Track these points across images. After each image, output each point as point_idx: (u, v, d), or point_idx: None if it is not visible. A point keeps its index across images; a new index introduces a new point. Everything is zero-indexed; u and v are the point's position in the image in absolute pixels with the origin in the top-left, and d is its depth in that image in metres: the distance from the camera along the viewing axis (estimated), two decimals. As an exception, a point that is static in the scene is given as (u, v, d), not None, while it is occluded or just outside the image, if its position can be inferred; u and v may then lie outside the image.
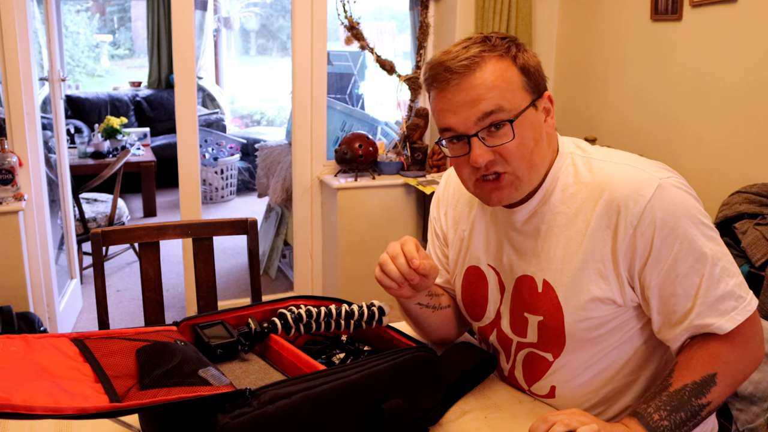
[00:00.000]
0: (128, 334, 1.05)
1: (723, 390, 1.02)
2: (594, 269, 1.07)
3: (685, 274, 1.02)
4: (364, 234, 3.33)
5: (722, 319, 1.02)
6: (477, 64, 1.04)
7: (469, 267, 1.26)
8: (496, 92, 1.04)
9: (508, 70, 1.05)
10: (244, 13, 7.55)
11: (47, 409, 0.77)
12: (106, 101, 6.43)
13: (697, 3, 2.54)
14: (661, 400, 0.99)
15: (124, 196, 4.83)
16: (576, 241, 1.08)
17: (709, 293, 1.02)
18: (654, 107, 2.82)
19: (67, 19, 7.36)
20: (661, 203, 1.02)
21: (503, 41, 1.07)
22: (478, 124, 1.04)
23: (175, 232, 1.71)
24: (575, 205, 1.09)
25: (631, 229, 1.03)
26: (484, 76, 1.04)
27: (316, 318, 1.17)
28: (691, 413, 0.99)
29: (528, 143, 1.06)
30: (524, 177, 1.08)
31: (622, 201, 1.04)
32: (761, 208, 2.07)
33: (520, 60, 1.07)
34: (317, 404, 0.90)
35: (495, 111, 1.03)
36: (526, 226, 1.15)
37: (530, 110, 1.06)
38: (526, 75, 1.07)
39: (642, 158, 1.11)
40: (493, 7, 3.18)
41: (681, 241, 1.02)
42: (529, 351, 1.17)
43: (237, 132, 6.94)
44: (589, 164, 1.11)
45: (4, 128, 2.81)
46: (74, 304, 3.44)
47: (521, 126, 1.05)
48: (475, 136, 1.05)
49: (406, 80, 3.45)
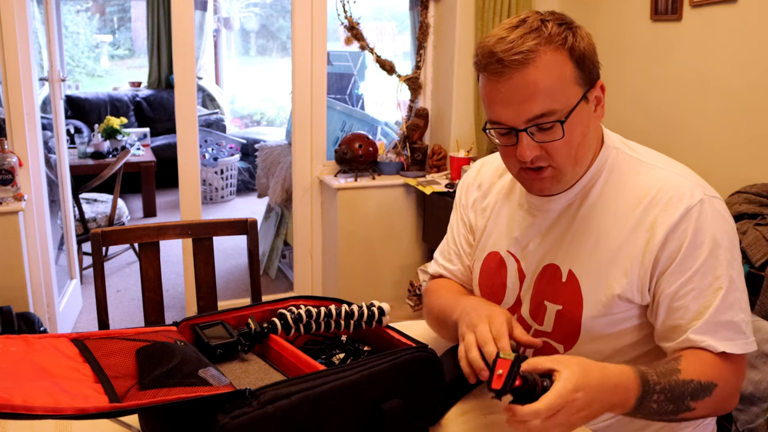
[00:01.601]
0: (128, 334, 1.05)
1: (711, 405, 1.00)
2: (621, 268, 1.07)
3: (701, 290, 1.02)
4: (364, 234, 3.32)
5: (717, 342, 1.02)
6: (531, 60, 0.99)
7: (490, 253, 1.26)
8: (549, 93, 1.00)
9: (564, 66, 1.01)
10: (244, 13, 7.55)
11: (47, 410, 0.77)
12: (106, 101, 6.43)
13: (697, 3, 2.53)
14: (668, 385, 0.96)
15: (124, 197, 4.82)
16: (610, 237, 1.08)
17: (716, 316, 1.02)
18: (654, 107, 2.82)
19: (67, 19, 7.36)
20: (699, 216, 1.03)
21: (560, 28, 1.02)
22: (527, 123, 1.03)
23: (175, 232, 1.71)
24: (616, 202, 1.09)
25: (665, 233, 1.03)
26: (538, 73, 0.99)
27: (316, 318, 1.17)
28: (675, 410, 0.98)
29: (575, 139, 1.05)
30: (568, 172, 1.08)
31: (664, 206, 1.04)
32: (761, 209, 2.07)
33: (577, 50, 1.02)
34: (317, 404, 0.90)
35: (546, 114, 1.01)
36: (560, 215, 1.15)
37: (581, 104, 1.04)
38: (581, 67, 1.03)
39: (693, 172, 1.11)
40: (493, 7, 3.18)
41: (706, 258, 1.02)
42: (542, 341, 1.16)
43: (237, 132, 6.93)
44: (637, 165, 1.11)
45: (4, 128, 2.81)
46: (74, 305, 3.44)
47: (571, 123, 1.03)
48: (524, 131, 1.03)
49: (406, 80, 3.45)
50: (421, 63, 3.47)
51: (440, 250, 1.41)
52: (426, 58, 3.47)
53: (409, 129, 3.47)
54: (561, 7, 3.38)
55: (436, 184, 3.17)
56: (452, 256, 1.37)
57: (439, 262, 1.39)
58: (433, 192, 3.12)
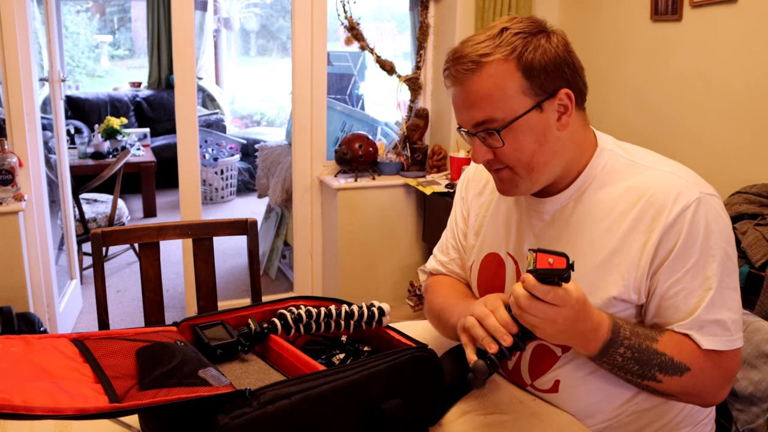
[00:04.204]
0: (128, 334, 1.05)
1: (679, 387, 1.04)
2: (618, 270, 1.07)
3: (690, 290, 1.04)
4: (364, 234, 3.32)
5: (702, 338, 1.04)
6: (479, 68, 1.04)
7: (489, 254, 1.26)
8: (488, 102, 1.04)
9: (508, 76, 1.03)
10: (244, 13, 7.55)
11: (47, 410, 0.77)
12: (106, 102, 6.43)
13: (697, 3, 2.53)
14: (638, 345, 1.02)
15: (124, 197, 4.83)
16: (605, 239, 1.09)
17: (702, 315, 1.04)
18: (654, 107, 2.82)
19: (67, 19, 7.36)
20: (694, 215, 1.03)
21: (515, 37, 1.04)
22: (475, 128, 1.08)
23: (175, 233, 1.71)
24: (611, 204, 1.10)
25: (660, 233, 1.04)
26: (481, 83, 1.04)
27: (315, 318, 1.17)
28: (640, 374, 1.03)
29: (527, 147, 1.06)
30: (524, 176, 1.09)
31: (660, 207, 1.05)
32: (761, 209, 2.07)
33: (525, 61, 1.03)
34: (317, 404, 0.90)
35: (486, 121, 1.06)
36: (554, 218, 1.15)
37: (532, 114, 1.05)
38: (529, 77, 1.04)
39: (689, 170, 1.12)
40: (493, 7, 3.18)
41: (698, 258, 1.03)
42: (538, 343, 1.17)
43: (237, 132, 6.93)
44: (632, 167, 1.11)
45: (4, 128, 2.81)
46: (74, 305, 3.44)
47: (516, 131, 1.05)
48: (475, 135, 1.08)
49: (406, 81, 3.45)
50: (421, 63, 3.47)
51: (439, 245, 1.42)
52: (426, 58, 3.48)
53: (409, 129, 3.47)
54: (561, 8, 3.38)
55: (436, 185, 3.17)
56: (450, 250, 1.37)
57: (438, 258, 1.40)
58: (433, 192, 3.12)
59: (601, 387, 1.13)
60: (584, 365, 1.12)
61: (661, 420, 1.14)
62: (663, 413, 1.14)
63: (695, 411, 1.18)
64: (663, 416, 1.14)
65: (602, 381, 1.12)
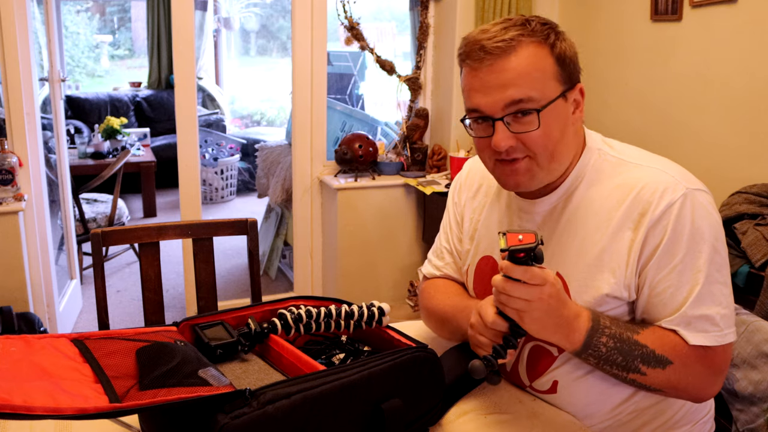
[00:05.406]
0: (128, 334, 1.05)
1: (664, 380, 1.04)
2: (609, 267, 1.07)
3: (677, 287, 1.04)
4: (364, 234, 3.32)
5: (690, 334, 1.04)
6: (513, 48, 1.03)
7: (483, 257, 1.26)
8: (528, 80, 1.03)
9: (544, 59, 1.05)
10: (244, 13, 7.55)
11: (47, 410, 0.77)
12: (106, 101, 6.43)
13: (697, 3, 2.54)
14: (619, 335, 1.03)
15: (124, 197, 4.83)
16: (595, 237, 1.09)
17: (689, 311, 1.03)
18: (654, 107, 2.82)
19: (67, 19, 7.36)
20: (679, 212, 1.03)
21: (543, 27, 1.06)
22: (505, 110, 1.04)
23: (175, 233, 1.71)
24: (600, 203, 1.10)
25: (647, 228, 1.04)
26: (519, 61, 1.03)
27: (315, 318, 1.17)
28: (625, 366, 1.04)
29: (553, 134, 1.06)
30: (544, 166, 1.08)
31: (646, 204, 1.05)
32: (761, 209, 2.07)
33: (558, 48, 1.06)
34: (317, 404, 0.90)
35: (524, 100, 1.03)
36: (544, 219, 1.16)
37: (560, 101, 1.06)
38: (561, 65, 1.06)
39: (678, 166, 1.11)
40: (493, 7, 3.18)
41: (685, 254, 1.03)
42: (534, 344, 1.17)
43: (237, 132, 6.93)
44: (620, 165, 1.11)
45: (4, 128, 2.81)
46: (74, 305, 3.44)
47: (548, 116, 1.04)
48: (500, 120, 1.05)
49: (406, 81, 3.45)
50: (421, 63, 3.47)
51: (433, 249, 1.42)
52: (426, 58, 3.48)
53: (409, 129, 3.47)
54: (561, 8, 3.38)
55: (436, 185, 3.17)
56: (444, 254, 1.37)
57: (433, 262, 1.40)
58: (433, 192, 3.12)
59: (599, 386, 1.13)
60: (581, 365, 1.12)
61: (659, 418, 1.14)
62: (661, 411, 1.14)
63: (694, 409, 1.18)
64: (661, 414, 1.14)
65: (600, 380, 1.12)
